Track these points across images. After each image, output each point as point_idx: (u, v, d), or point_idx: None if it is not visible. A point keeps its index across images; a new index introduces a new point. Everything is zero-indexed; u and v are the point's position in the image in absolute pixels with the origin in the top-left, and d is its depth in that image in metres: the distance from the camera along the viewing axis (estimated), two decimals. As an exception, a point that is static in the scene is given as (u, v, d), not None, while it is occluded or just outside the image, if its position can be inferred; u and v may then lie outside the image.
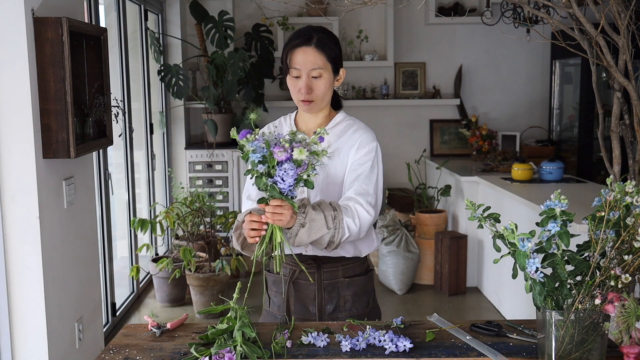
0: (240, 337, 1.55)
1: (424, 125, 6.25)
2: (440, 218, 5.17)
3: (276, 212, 1.67)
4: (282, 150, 1.59)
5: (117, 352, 1.64)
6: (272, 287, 2.08)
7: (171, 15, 5.73)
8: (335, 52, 1.94)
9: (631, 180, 1.61)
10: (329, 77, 1.93)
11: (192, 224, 4.64)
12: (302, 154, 1.59)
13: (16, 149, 2.49)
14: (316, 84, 1.91)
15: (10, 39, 2.42)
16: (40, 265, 2.55)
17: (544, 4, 2.79)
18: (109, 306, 4.09)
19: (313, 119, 2.01)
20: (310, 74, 1.90)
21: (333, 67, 1.94)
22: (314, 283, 2.00)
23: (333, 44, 1.95)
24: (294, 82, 1.93)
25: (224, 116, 5.66)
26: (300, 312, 2.01)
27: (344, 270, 2.02)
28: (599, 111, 2.97)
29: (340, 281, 2.02)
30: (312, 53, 1.89)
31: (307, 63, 1.89)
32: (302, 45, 1.90)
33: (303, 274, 1.98)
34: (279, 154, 1.59)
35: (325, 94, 1.93)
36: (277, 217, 1.68)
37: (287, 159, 1.60)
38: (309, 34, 1.92)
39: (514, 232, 1.42)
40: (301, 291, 2.01)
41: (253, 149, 1.60)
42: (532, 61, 6.19)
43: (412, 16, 6.06)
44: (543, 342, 1.45)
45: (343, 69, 1.99)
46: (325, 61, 1.91)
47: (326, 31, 1.97)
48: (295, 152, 1.59)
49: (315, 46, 1.90)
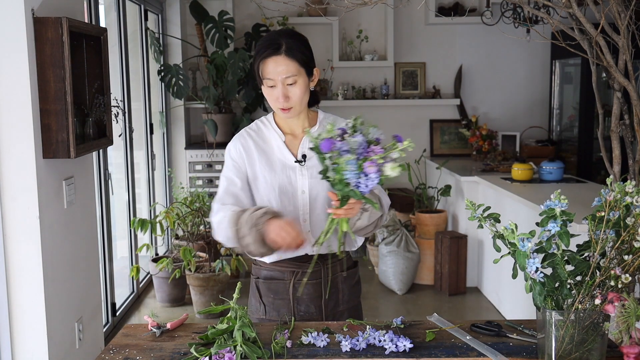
0: (241, 337, 1.55)
1: (424, 125, 6.25)
2: (440, 218, 5.17)
3: (350, 209, 1.73)
4: (373, 165, 1.61)
5: (117, 352, 1.64)
6: (268, 294, 2.03)
7: (171, 15, 5.73)
8: (306, 55, 1.91)
9: (631, 180, 1.61)
10: (304, 81, 1.91)
11: (192, 224, 4.64)
12: (395, 170, 1.62)
13: (16, 149, 2.49)
14: (292, 91, 1.89)
15: (10, 39, 2.42)
16: (40, 265, 2.55)
17: (544, 4, 2.79)
18: (109, 306, 4.09)
19: (295, 120, 2.00)
20: (284, 82, 1.87)
21: (306, 71, 1.91)
22: (317, 282, 2.00)
23: (303, 46, 1.92)
24: (270, 91, 1.91)
25: (224, 116, 5.66)
26: (302, 313, 2.01)
27: (340, 264, 2.05)
28: (599, 111, 2.97)
29: (339, 275, 2.04)
30: (283, 61, 1.86)
31: (280, 72, 1.87)
32: (272, 55, 1.87)
33: (304, 274, 1.98)
34: (369, 169, 1.62)
35: (302, 98, 1.92)
36: (351, 212, 1.75)
37: (375, 172, 1.63)
38: (277, 41, 1.88)
39: (514, 232, 1.42)
40: (304, 292, 2.01)
41: (346, 166, 1.62)
42: (532, 61, 6.19)
43: (412, 16, 6.06)
44: (543, 342, 1.45)
45: (317, 69, 1.97)
46: (298, 67, 1.88)
47: (293, 35, 1.94)
48: (388, 168, 1.62)
49: (285, 54, 1.87)
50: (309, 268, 1.91)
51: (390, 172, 1.62)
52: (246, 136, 2.01)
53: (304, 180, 1.96)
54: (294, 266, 2.00)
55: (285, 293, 2.01)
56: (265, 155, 1.97)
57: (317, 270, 1.99)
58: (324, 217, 1.96)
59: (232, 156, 2.00)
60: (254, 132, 2.01)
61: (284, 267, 2.01)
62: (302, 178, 1.96)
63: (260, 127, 2.03)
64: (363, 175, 1.63)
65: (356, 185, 1.64)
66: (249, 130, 2.02)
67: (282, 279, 2.01)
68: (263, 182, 1.96)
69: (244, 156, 1.98)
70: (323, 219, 1.96)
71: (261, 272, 2.04)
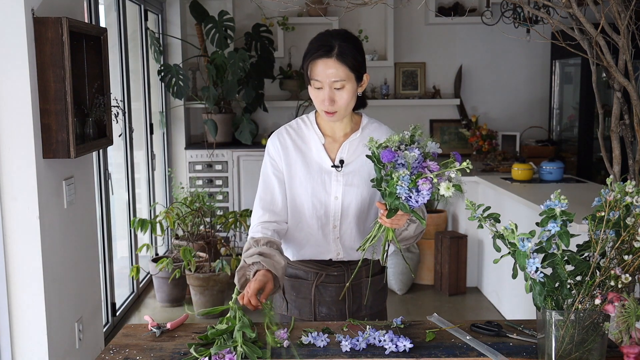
0: (241, 337, 1.55)
1: (424, 125, 6.25)
2: (440, 218, 5.17)
3: (396, 220, 1.70)
4: (427, 182, 1.59)
5: (117, 352, 1.64)
6: (291, 291, 2.04)
7: (171, 15, 5.73)
8: (358, 61, 1.86)
9: (631, 180, 1.61)
10: (352, 86, 1.85)
11: (192, 224, 4.64)
12: (449, 190, 1.58)
13: (16, 149, 2.49)
14: (339, 95, 1.84)
15: (10, 39, 2.42)
16: (40, 265, 2.55)
17: (544, 4, 2.79)
18: (109, 306, 4.08)
19: (337, 124, 1.96)
20: (332, 85, 1.83)
21: (356, 76, 1.86)
22: (341, 285, 2.00)
23: (356, 51, 1.85)
24: (316, 93, 1.86)
25: (224, 116, 5.66)
26: (324, 315, 2.02)
27: (366, 270, 2.03)
28: (599, 111, 2.97)
29: (363, 281, 2.03)
30: (333, 65, 1.81)
31: (329, 75, 1.82)
32: (323, 57, 1.82)
33: (328, 277, 1.99)
34: (422, 186, 1.59)
35: (348, 104, 1.87)
36: (398, 223, 1.72)
37: (428, 189, 1.60)
38: (329, 43, 1.83)
39: (514, 232, 1.42)
40: (327, 294, 2.01)
41: (401, 184, 1.59)
42: (532, 61, 6.19)
43: (412, 16, 6.06)
44: (543, 342, 1.45)
45: (367, 75, 1.91)
46: (348, 72, 1.83)
47: (348, 38, 1.87)
48: (442, 188, 1.57)
49: (336, 57, 1.81)
50: (356, 267, 1.91)
51: (444, 192, 1.57)
52: (285, 134, 1.98)
53: (338, 186, 1.93)
54: (318, 268, 2.00)
55: (308, 293, 2.01)
56: (302, 155, 1.95)
57: (341, 274, 1.99)
58: (355, 225, 1.96)
59: (270, 153, 1.98)
60: (294, 131, 1.98)
61: (309, 267, 2.01)
62: (336, 184, 1.93)
63: (301, 125, 1.99)
64: (415, 190, 1.60)
65: (406, 199, 1.61)
66: (289, 128, 1.99)
67: (305, 279, 2.01)
68: (298, 183, 1.94)
69: (281, 154, 1.96)
70: (353, 227, 1.96)
71: (287, 269, 2.02)
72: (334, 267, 1.99)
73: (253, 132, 5.56)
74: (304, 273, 2.01)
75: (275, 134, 2.00)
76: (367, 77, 1.92)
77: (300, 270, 2.02)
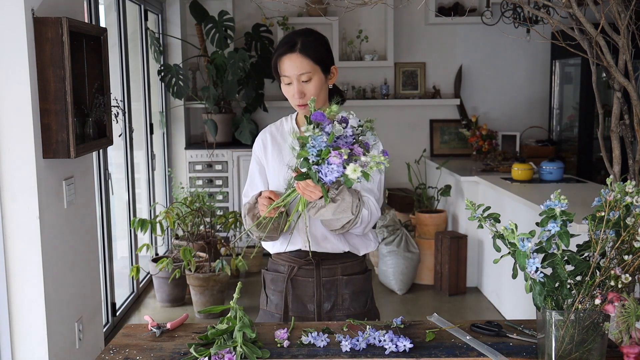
0: (241, 337, 1.55)
1: (424, 125, 6.25)
2: (440, 218, 5.17)
3: (308, 190, 1.74)
4: (337, 156, 1.60)
5: (117, 352, 1.64)
6: (270, 285, 2.11)
7: (171, 15, 5.73)
8: (322, 53, 1.98)
9: (631, 180, 1.61)
10: (319, 78, 1.97)
11: (192, 224, 4.64)
12: (355, 173, 1.60)
13: (16, 149, 2.49)
14: (307, 88, 1.96)
15: (10, 39, 2.42)
16: (40, 265, 2.55)
17: (544, 4, 2.79)
18: (109, 306, 4.09)
19: None
20: (299, 79, 1.95)
21: (322, 68, 1.97)
22: (313, 280, 2.02)
23: (319, 45, 1.98)
24: (287, 88, 1.99)
25: (224, 116, 5.66)
26: (298, 310, 2.04)
27: (342, 268, 2.05)
28: (599, 111, 2.97)
29: (338, 279, 2.05)
30: (297, 59, 1.94)
31: (294, 69, 1.94)
32: (287, 53, 1.95)
33: (301, 270, 2.03)
34: (333, 158, 1.60)
35: (318, 95, 1.97)
36: (308, 193, 1.75)
37: (338, 164, 1.61)
38: (292, 40, 1.96)
39: (514, 232, 1.42)
40: (299, 288, 2.04)
41: (312, 144, 1.62)
42: (532, 61, 6.19)
43: (412, 16, 6.06)
44: (543, 342, 1.45)
45: (335, 67, 2.03)
46: (312, 64, 1.94)
47: (310, 34, 2.01)
48: (349, 169, 1.60)
49: (299, 52, 1.94)
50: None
51: (349, 172, 1.60)
52: (267, 130, 2.13)
53: None
54: (292, 261, 2.05)
55: (282, 286, 2.06)
56: (278, 147, 2.07)
57: (311, 269, 2.03)
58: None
59: (254, 148, 2.14)
60: (275, 127, 2.13)
61: (284, 260, 2.07)
62: None
63: (283, 122, 2.14)
64: (326, 162, 1.62)
65: (317, 170, 1.64)
66: (272, 125, 2.14)
67: (281, 272, 2.07)
68: (272, 172, 2.05)
69: (262, 148, 2.10)
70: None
71: (269, 263, 2.14)
72: (306, 260, 2.03)
73: (253, 132, 5.56)
74: (280, 267, 2.08)
75: (261, 131, 2.16)
76: (336, 70, 2.04)
77: (277, 265, 2.10)
